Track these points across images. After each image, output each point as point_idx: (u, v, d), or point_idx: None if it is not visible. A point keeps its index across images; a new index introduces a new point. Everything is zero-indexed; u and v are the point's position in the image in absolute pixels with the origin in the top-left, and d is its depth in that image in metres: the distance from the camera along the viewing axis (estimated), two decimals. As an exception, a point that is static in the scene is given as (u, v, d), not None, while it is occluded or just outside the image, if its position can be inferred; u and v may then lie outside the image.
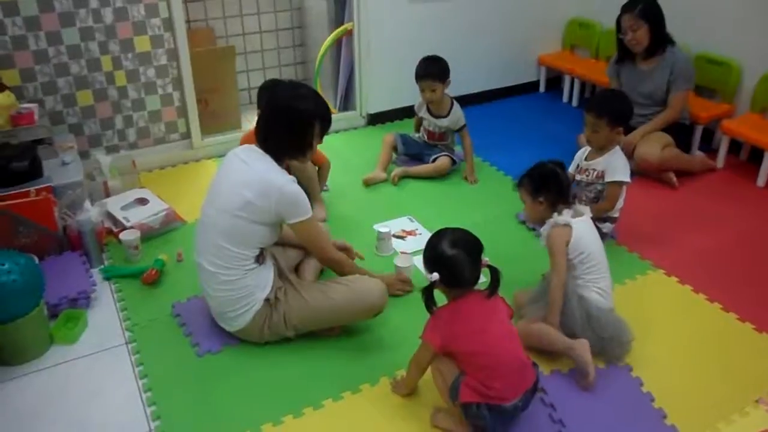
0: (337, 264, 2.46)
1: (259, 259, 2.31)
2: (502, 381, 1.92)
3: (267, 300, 2.31)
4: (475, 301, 1.98)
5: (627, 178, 2.88)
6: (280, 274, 2.43)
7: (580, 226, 2.36)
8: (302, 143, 2.29)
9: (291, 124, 2.24)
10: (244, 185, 2.20)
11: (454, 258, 1.94)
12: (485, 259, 2.01)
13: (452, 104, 3.62)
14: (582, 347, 2.21)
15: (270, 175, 2.20)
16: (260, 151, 2.27)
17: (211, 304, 2.40)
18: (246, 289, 2.28)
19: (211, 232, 2.27)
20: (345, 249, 2.66)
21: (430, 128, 3.68)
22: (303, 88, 2.33)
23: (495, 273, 2.00)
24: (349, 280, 2.41)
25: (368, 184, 3.57)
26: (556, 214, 2.38)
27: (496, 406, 1.92)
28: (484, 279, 2.04)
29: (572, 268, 2.37)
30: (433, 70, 3.49)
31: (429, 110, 3.65)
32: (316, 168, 3.25)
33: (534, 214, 2.46)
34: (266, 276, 2.33)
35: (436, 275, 1.94)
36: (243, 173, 2.23)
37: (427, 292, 1.99)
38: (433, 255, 1.99)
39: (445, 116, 3.61)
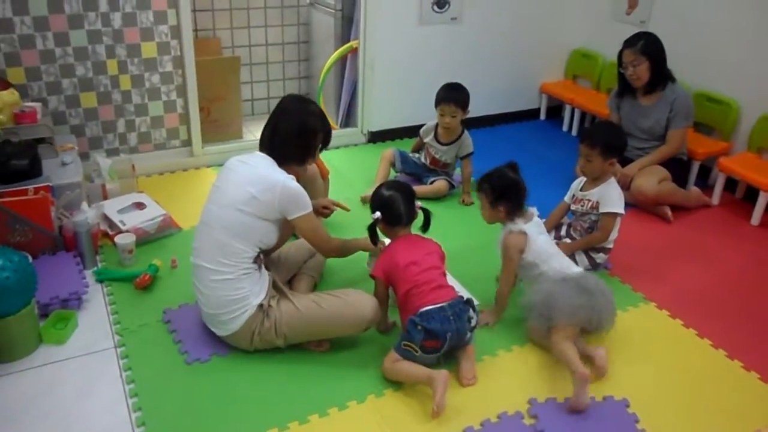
0: (339, 251, 2.61)
1: (257, 261, 2.35)
2: (426, 296, 2.29)
3: (260, 306, 2.32)
4: (411, 238, 2.48)
5: (621, 210, 2.91)
6: (274, 285, 2.44)
7: (532, 230, 2.56)
8: (306, 153, 2.47)
9: (300, 135, 2.43)
10: (248, 183, 2.31)
11: (392, 197, 2.46)
12: (418, 203, 2.51)
13: (463, 131, 3.64)
14: (582, 376, 2.22)
15: (273, 173, 2.34)
16: (262, 155, 2.42)
17: (204, 306, 2.39)
18: (241, 292, 2.29)
19: (213, 228, 2.32)
20: (326, 207, 2.87)
21: (436, 156, 3.69)
22: (311, 104, 2.52)
23: (427, 213, 2.53)
24: (342, 292, 2.44)
25: (366, 201, 3.58)
26: (514, 220, 2.56)
27: (426, 311, 2.26)
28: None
29: (534, 267, 2.56)
30: (458, 96, 3.51)
31: (437, 137, 3.67)
32: (323, 183, 3.26)
33: (491, 218, 2.64)
34: (262, 283, 2.36)
35: (378, 214, 2.44)
36: (247, 173, 2.35)
37: (371, 228, 2.48)
38: (375, 198, 2.51)
39: (454, 142, 3.63)
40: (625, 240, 3.09)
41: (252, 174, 2.34)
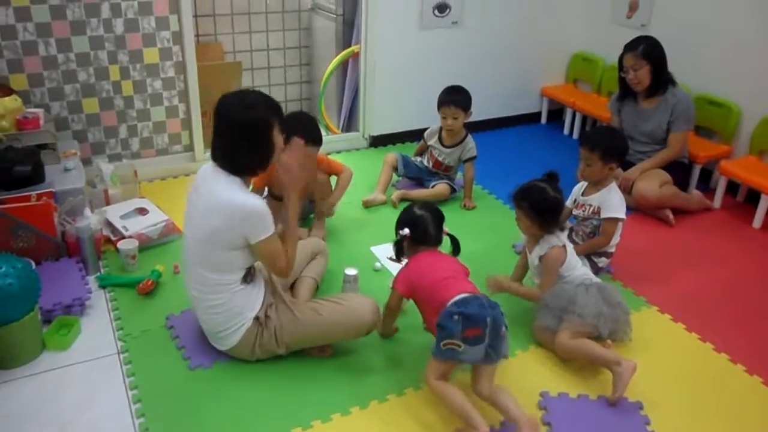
0: (291, 261, 2.33)
1: (247, 278, 2.29)
2: (456, 287, 2.17)
3: (257, 318, 2.31)
4: (436, 253, 2.40)
5: (622, 215, 2.91)
6: (273, 291, 2.43)
7: (568, 243, 2.61)
8: (269, 149, 2.21)
9: (253, 136, 2.16)
10: (209, 212, 2.17)
11: (422, 217, 2.39)
12: (446, 228, 2.44)
13: (466, 135, 3.66)
14: (628, 366, 2.28)
15: (231, 195, 2.15)
16: (225, 173, 2.19)
17: (201, 323, 2.40)
18: (235, 309, 2.28)
19: (190, 260, 2.30)
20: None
21: (440, 158, 3.70)
22: (249, 96, 2.21)
23: (455, 239, 2.45)
24: (342, 297, 2.43)
25: (367, 206, 3.59)
26: (554, 233, 2.56)
27: (461, 298, 2.12)
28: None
29: (559, 276, 2.57)
30: (458, 98, 3.53)
31: (440, 140, 3.68)
32: (328, 177, 3.25)
33: (529, 232, 2.61)
34: (256, 295, 2.33)
35: (406, 230, 2.37)
36: (207, 199, 2.20)
37: (398, 245, 2.41)
38: (405, 215, 2.44)
39: (457, 145, 3.64)
40: (627, 244, 3.09)
41: (209, 199, 2.18)
